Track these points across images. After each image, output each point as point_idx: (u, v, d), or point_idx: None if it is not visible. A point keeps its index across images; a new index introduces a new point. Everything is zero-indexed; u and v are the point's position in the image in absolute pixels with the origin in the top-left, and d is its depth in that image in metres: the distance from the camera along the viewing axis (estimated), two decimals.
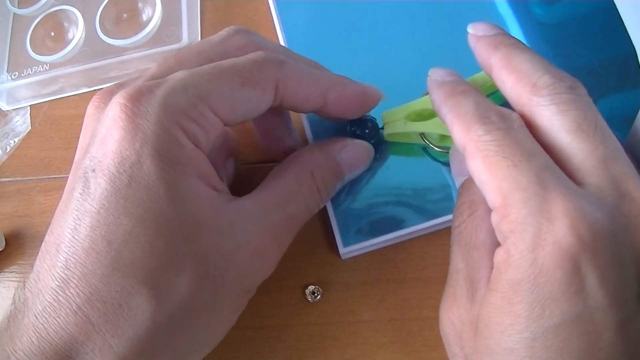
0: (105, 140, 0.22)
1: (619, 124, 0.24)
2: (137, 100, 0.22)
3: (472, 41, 0.26)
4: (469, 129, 0.22)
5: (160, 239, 0.22)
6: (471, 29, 0.26)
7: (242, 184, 0.34)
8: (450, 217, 0.29)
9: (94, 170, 0.22)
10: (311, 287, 0.31)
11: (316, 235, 0.33)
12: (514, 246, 0.20)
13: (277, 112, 0.31)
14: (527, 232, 0.19)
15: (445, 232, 0.31)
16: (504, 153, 0.20)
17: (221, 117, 0.24)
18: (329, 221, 0.32)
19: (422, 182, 0.32)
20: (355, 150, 0.30)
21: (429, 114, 0.29)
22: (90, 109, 0.26)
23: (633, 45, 0.23)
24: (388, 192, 0.32)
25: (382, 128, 0.32)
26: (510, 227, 0.20)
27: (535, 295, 0.19)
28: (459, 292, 0.23)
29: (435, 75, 0.26)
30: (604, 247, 0.19)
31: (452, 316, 0.23)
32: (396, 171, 0.32)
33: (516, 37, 0.25)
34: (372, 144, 0.31)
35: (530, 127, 0.22)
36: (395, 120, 0.31)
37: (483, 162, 0.21)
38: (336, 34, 0.38)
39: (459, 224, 0.25)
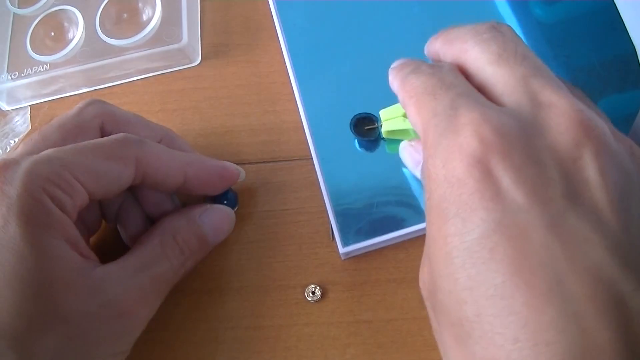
0: None
1: (619, 124, 0.24)
2: (3, 169, 0.24)
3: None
4: (403, 83, 0.24)
5: (27, 301, 0.22)
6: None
7: (242, 184, 0.34)
8: None
9: None
10: (311, 287, 0.31)
11: (316, 235, 0.33)
12: (432, 168, 0.20)
13: None
14: (438, 151, 0.20)
15: None
16: (427, 90, 0.22)
17: (85, 186, 0.25)
18: (329, 221, 0.32)
19: (422, 182, 0.32)
20: (214, 214, 0.31)
21: None
22: None
23: (633, 45, 0.23)
24: (388, 192, 0.32)
25: (382, 125, 0.33)
26: (428, 153, 0.21)
27: (455, 210, 0.19)
28: (425, 250, 0.23)
29: (393, 64, 0.28)
30: (514, 147, 0.19)
31: (422, 275, 0.23)
32: (396, 171, 0.32)
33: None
34: None
35: (465, 75, 0.23)
36: (393, 118, 0.32)
37: (414, 105, 0.23)
38: (336, 34, 0.38)
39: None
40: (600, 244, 0.17)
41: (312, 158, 0.34)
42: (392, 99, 0.31)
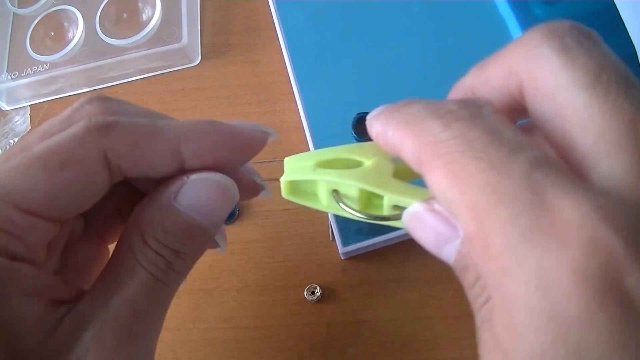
0: None
1: None
2: None
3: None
4: (420, 131, 0.16)
5: None
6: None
7: None
8: None
9: None
10: (311, 287, 0.31)
11: (316, 235, 0.33)
12: (510, 302, 0.13)
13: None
14: (524, 272, 0.13)
15: None
16: (473, 152, 0.14)
17: (40, 214, 0.19)
18: (329, 221, 0.32)
19: (421, 181, 0.32)
20: (197, 187, 0.21)
21: (344, 167, 0.22)
22: None
23: (633, 45, 0.23)
24: None
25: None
26: (495, 267, 0.14)
27: None
28: None
29: (373, 112, 0.19)
30: None
31: None
32: None
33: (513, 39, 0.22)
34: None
35: (519, 105, 0.17)
36: (299, 167, 0.23)
37: (446, 172, 0.15)
38: (336, 34, 0.38)
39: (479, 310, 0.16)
40: None
41: None
42: (391, 99, 0.31)
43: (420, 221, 0.18)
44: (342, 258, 0.32)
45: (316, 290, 0.31)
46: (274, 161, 0.35)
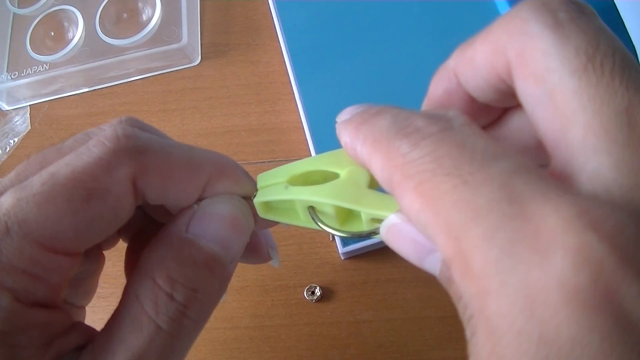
0: None
1: None
2: None
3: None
4: (388, 152, 0.15)
5: None
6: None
7: None
8: None
9: None
10: (311, 287, 0.31)
11: (316, 235, 0.33)
12: (494, 325, 0.12)
13: None
14: (508, 291, 0.12)
15: None
16: (444, 169, 0.13)
17: (65, 251, 0.17)
18: None
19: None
20: (212, 215, 0.19)
21: (319, 179, 0.21)
22: None
23: (633, 45, 0.23)
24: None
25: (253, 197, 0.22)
26: (477, 289, 0.12)
27: None
28: None
29: (342, 115, 0.18)
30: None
31: None
32: None
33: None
34: None
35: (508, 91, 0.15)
36: (271, 184, 0.21)
37: (417, 194, 0.14)
38: (336, 34, 0.38)
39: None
40: None
41: None
42: (391, 99, 0.31)
43: (398, 233, 0.17)
44: (342, 258, 0.32)
45: (316, 290, 0.31)
46: (273, 161, 0.35)
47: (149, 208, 0.22)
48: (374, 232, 0.18)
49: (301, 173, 0.21)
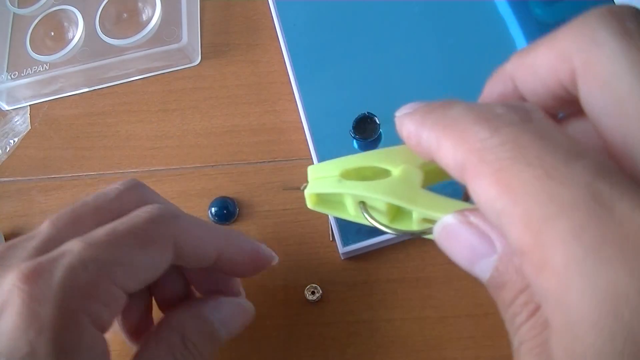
0: None
1: None
2: (34, 282, 0.20)
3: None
4: (464, 136, 0.15)
5: None
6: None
7: (242, 184, 0.34)
8: None
9: None
10: (311, 287, 0.31)
11: (316, 235, 0.33)
12: (575, 322, 0.12)
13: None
14: (594, 290, 0.11)
15: None
16: (526, 158, 0.13)
17: (124, 288, 0.21)
18: (329, 221, 0.32)
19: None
20: (228, 308, 0.26)
21: (370, 175, 0.21)
22: None
23: None
24: None
25: (304, 187, 0.23)
26: (556, 284, 0.12)
27: None
28: None
29: (403, 109, 0.19)
30: None
31: None
32: None
33: (513, 39, 0.20)
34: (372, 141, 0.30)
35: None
36: (324, 177, 0.22)
37: (495, 180, 0.14)
38: (336, 34, 0.38)
39: (518, 330, 0.15)
40: None
41: (311, 158, 0.34)
42: (393, 102, 0.31)
43: (453, 235, 0.17)
44: (342, 258, 0.32)
45: (316, 290, 0.31)
46: (274, 161, 0.35)
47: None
48: (425, 232, 0.19)
49: (352, 168, 0.21)
